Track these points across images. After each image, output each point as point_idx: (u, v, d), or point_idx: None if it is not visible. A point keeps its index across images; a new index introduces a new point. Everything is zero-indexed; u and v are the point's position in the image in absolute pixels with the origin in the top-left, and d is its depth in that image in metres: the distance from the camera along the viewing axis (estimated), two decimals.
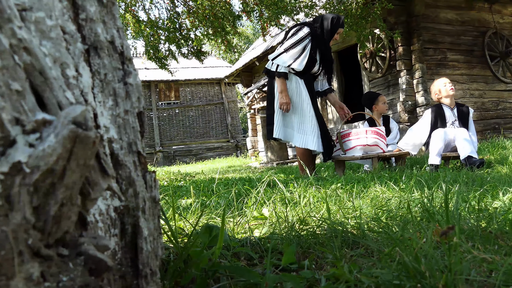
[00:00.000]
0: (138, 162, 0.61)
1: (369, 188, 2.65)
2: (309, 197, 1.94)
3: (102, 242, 0.47)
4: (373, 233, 1.41)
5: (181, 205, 2.22)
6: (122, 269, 0.54)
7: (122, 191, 0.56)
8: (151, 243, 0.59)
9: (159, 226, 0.63)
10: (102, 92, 0.56)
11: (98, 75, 0.56)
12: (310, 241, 1.13)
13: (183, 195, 3.49)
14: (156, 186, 0.63)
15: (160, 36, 10.91)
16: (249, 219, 1.58)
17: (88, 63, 0.55)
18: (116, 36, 0.60)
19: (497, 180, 2.74)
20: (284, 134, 4.44)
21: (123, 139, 0.58)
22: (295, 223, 1.41)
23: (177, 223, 1.46)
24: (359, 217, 1.59)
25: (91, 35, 0.55)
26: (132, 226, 0.57)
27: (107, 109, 0.56)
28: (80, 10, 0.54)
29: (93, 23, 0.55)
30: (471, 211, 1.50)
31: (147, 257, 0.57)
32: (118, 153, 0.56)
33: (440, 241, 1.06)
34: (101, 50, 0.56)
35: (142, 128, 0.64)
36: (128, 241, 0.57)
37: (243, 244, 1.13)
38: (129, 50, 0.63)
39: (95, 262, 0.44)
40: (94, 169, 0.46)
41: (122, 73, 0.60)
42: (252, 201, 1.84)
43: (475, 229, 1.20)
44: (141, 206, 0.58)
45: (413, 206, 1.72)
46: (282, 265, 0.91)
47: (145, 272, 0.56)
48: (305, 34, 4.34)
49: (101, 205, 0.51)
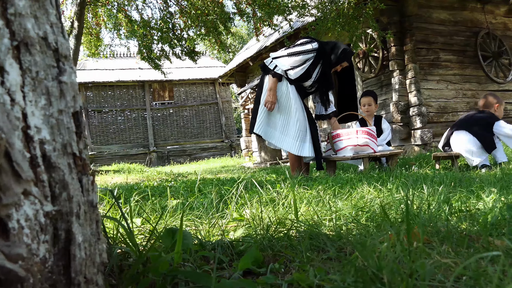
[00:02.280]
0: (73, 164, 0.57)
1: (357, 189, 2.63)
2: (291, 198, 1.91)
3: (15, 251, 0.44)
4: (351, 235, 1.38)
5: (161, 206, 2.19)
6: (53, 277, 0.51)
7: (55, 195, 0.53)
8: (87, 249, 0.56)
9: (98, 232, 0.60)
10: (33, 91, 0.53)
11: (30, 73, 0.53)
12: (281, 244, 1.10)
13: (171, 195, 3.45)
14: (94, 190, 0.60)
15: (153, 36, 10.87)
16: (228, 221, 1.56)
17: (18, 60, 0.52)
18: (49, 32, 0.57)
19: (485, 181, 2.72)
20: (265, 132, 4.43)
21: (57, 140, 0.55)
22: (272, 224, 1.38)
23: (156, 225, 1.44)
24: (339, 219, 1.56)
25: (21, 30, 0.52)
26: (65, 232, 0.54)
27: (39, 109, 0.53)
28: (9, 4, 0.51)
29: (23, 18, 0.52)
30: (452, 213, 1.48)
31: (81, 264, 0.55)
32: (50, 155, 0.53)
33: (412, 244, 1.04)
34: (32, 46, 0.53)
35: (79, 129, 0.61)
36: (61, 247, 0.53)
37: (214, 247, 1.11)
38: (66, 47, 0.60)
39: (3, 273, 0.41)
40: (6, 173, 0.43)
41: (57, 71, 0.57)
42: (233, 202, 1.82)
43: (454, 231, 1.18)
44: (75, 211, 0.55)
45: (394, 208, 1.70)
46: (239, 270, 0.89)
47: (78, 280, 0.53)
48: (312, 48, 4.34)
49: (28, 210, 0.48)
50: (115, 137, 18.41)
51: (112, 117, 18.46)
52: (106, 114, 18.41)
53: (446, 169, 4.69)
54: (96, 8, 10.55)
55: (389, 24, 8.28)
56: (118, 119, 18.55)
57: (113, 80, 18.22)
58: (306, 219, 1.47)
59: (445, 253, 0.91)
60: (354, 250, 1.09)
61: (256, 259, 0.93)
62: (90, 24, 11.13)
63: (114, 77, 18.43)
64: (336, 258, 0.99)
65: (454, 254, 0.93)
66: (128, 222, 0.97)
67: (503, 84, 9.20)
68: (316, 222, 1.42)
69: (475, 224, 1.31)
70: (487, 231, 1.09)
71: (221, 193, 2.79)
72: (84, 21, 10.93)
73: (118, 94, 18.66)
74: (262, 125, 4.41)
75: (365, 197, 2.22)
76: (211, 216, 1.65)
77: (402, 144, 8.46)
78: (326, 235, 1.30)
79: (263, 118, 4.41)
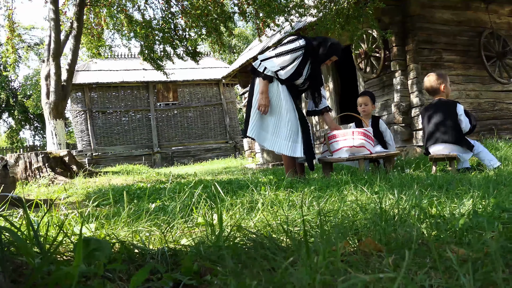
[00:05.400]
0: None
1: (343, 192, 2.56)
2: (267, 201, 1.85)
3: None
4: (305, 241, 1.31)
5: (134, 211, 2.13)
6: None
7: None
8: None
9: None
10: None
11: None
12: (220, 254, 1.03)
13: (158, 198, 3.40)
14: None
15: (155, 36, 10.86)
16: (188, 226, 1.49)
17: None
18: None
19: (473, 183, 2.63)
20: (258, 136, 4.37)
21: None
22: (229, 231, 1.31)
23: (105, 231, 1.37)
24: (298, 225, 1.50)
25: None
26: None
27: None
28: None
29: None
30: (421, 219, 1.40)
31: None
32: None
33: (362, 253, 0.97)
34: None
35: None
36: None
37: (153, 255, 1.04)
38: None
39: None
40: None
41: None
42: (200, 206, 1.75)
43: (415, 239, 1.10)
44: None
45: (369, 211, 1.63)
46: (131, 286, 0.81)
47: None
48: (300, 46, 4.28)
49: None
50: (119, 138, 18.42)
51: (116, 118, 18.48)
52: (110, 115, 18.43)
53: (443, 171, 4.59)
54: (97, 9, 10.55)
55: (391, 24, 8.16)
56: (122, 120, 18.56)
57: (117, 81, 18.24)
58: (265, 225, 1.40)
59: (386, 265, 0.84)
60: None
61: (188, 269, 0.87)
62: (92, 24, 11.13)
63: (118, 78, 18.44)
64: (272, 269, 0.93)
65: (393, 267, 0.86)
66: (36, 230, 0.90)
67: (507, 85, 9.05)
68: (273, 229, 1.35)
69: (443, 231, 1.23)
70: (446, 239, 1.02)
71: (209, 194, 2.72)
72: (86, 21, 10.94)
73: (122, 95, 18.67)
74: (255, 128, 4.35)
75: (345, 201, 2.15)
76: (177, 222, 1.59)
77: (404, 145, 8.35)
78: (278, 244, 1.23)
79: (256, 121, 4.35)
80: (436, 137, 4.73)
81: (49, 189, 5.60)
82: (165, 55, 11.45)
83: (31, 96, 27.08)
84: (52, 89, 9.12)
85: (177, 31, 10.79)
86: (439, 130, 4.71)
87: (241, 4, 9.29)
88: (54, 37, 9.07)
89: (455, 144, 4.61)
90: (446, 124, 4.66)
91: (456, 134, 4.61)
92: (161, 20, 10.75)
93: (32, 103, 26.03)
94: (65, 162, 7.44)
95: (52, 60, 9.11)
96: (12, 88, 30.11)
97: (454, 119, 4.66)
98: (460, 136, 4.60)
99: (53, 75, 9.07)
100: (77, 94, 18.09)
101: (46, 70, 9.31)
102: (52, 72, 9.08)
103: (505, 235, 1.07)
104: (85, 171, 7.40)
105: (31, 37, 28.99)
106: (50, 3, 9.14)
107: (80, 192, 4.85)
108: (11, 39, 10.00)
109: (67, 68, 9.51)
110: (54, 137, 9.22)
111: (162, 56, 11.40)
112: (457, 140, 4.60)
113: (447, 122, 4.66)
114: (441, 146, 4.68)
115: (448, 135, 4.63)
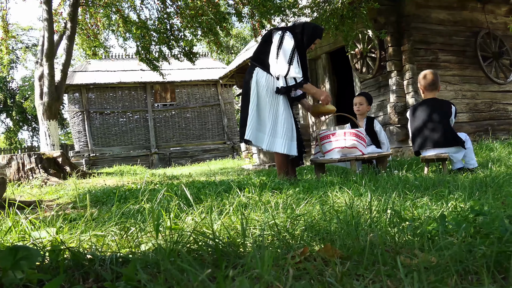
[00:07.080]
0: None
1: (326, 193, 2.51)
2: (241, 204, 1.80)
3: None
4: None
5: (111, 213, 2.08)
6: None
7: None
8: None
9: None
10: None
11: None
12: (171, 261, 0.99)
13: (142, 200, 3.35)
14: None
15: (151, 37, 10.82)
16: (150, 231, 1.44)
17: None
18: None
19: (461, 185, 2.58)
20: (256, 138, 4.31)
21: None
22: (189, 235, 1.27)
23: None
24: (271, 228, 1.45)
25: None
26: None
27: None
28: None
29: None
30: (393, 222, 1.35)
31: None
32: None
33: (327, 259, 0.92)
34: None
35: None
36: None
37: (102, 262, 0.99)
38: None
39: None
40: None
41: None
42: (172, 209, 1.70)
43: (377, 244, 1.05)
44: None
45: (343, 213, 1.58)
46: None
47: None
48: (291, 40, 4.23)
49: None
50: (116, 138, 18.36)
51: (113, 118, 18.42)
52: (107, 115, 18.38)
53: (435, 172, 4.55)
54: (91, 9, 10.51)
55: (387, 24, 8.11)
56: (119, 120, 18.51)
57: (115, 81, 18.18)
58: (232, 228, 1.35)
59: (334, 276, 0.79)
60: None
61: (129, 279, 0.82)
62: (88, 25, 11.09)
63: (115, 79, 18.39)
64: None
65: (340, 276, 0.81)
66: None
67: (503, 85, 9.01)
68: (238, 233, 1.30)
69: (413, 236, 1.18)
70: (413, 244, 0.97)
71: (197, 195, 2.67)
72: (82, 22, 10.90)
73: (119, 95, 18.62)
74: (252, 131, 4.28)
75: (327, 202, 2.11)
76: (145, 225, 1.54)
77: (400, 146, 8.30)
78: (236, 249, 1.19)
79: (253, 123, 4.28)
80: (428, 137, 4.67)
81: (42, 190, 5.55)
82: (161, 55, 11.42)
83: (29, 97, 27.06)
84: (45, 90, 9.08)
85: (173, 32, 10.75)
86: (435, 136, 4.62)
87: (237, 4, 9.26)
88: (48, 38, 9.03)
89: (448, 146, 4.55)
90: (439, 123, 4.59)
91: (449, 135, 4.55)
92: (157, 21, 10.71)
93: (30, 104, 26.02)
94: (58, 163, 7.39)
95: (45, 60, 9.07)
96: (10, 89, 30.09)
97: (447, 119, 4.60)
98: (453, 136, 4.54)
99: (47, 75, 9.03)
100: (75, 94, 18.05)
101: (39, 71, 9.27)
102: (46, 72, 9.04)
103: (470, 240, 1.02)
104: (78, 172, 7.35)
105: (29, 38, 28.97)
106: (43, 3, 9.10)
107: (71, 193, 4.81)
108: (6, 40, 9.96)
109: (61, 68, 9.47)
110: (47, 138, 9.17)
111: (158, 57, 11.36)
112: (451, 141, 4.54)
113: (441, 122, 4.59)
114: (436, 150, 4.62)
115: (443, 137, 4.56)
